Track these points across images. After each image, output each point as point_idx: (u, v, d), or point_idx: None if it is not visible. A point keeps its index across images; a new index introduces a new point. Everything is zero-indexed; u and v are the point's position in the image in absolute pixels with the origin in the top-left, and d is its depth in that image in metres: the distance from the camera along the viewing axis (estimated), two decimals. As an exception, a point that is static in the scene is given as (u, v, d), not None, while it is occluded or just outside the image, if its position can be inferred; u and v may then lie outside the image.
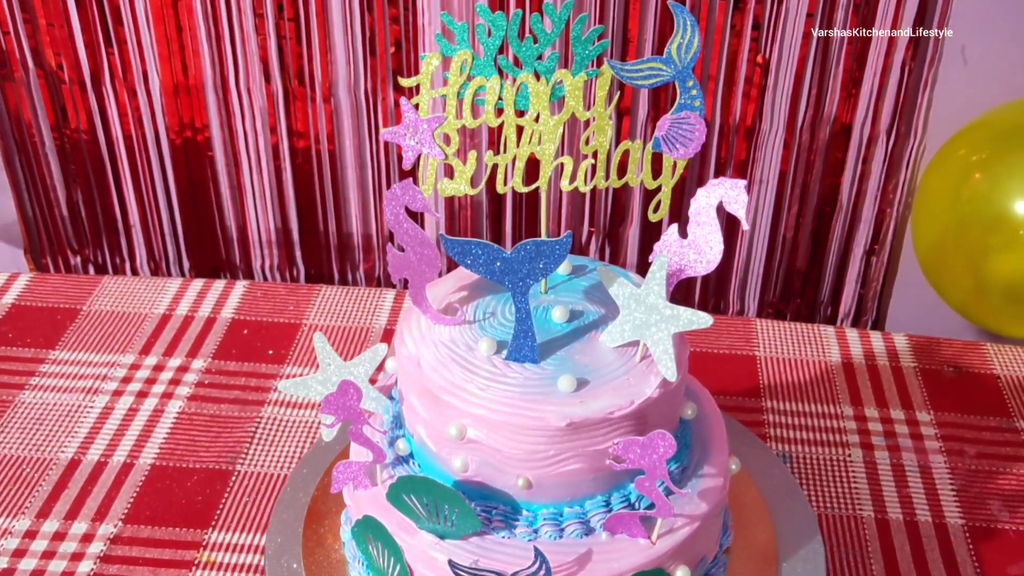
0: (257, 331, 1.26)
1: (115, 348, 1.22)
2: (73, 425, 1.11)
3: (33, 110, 1.45)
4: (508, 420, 0.64)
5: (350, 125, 1.43)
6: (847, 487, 1.06)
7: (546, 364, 0.67)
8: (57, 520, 1.01)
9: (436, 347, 0.68)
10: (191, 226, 1.53)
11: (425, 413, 0.67)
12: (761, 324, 1.29)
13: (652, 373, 0.66)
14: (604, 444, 0.65)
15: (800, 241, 1.48)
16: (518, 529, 0.67)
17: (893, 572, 0.97)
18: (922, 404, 1.17)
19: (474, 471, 0.67)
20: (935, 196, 1.29)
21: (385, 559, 0.69)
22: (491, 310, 0.71)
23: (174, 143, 1.46)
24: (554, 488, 0.66)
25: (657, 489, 0.64)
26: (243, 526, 1.00)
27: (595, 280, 0.74)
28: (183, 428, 1.11)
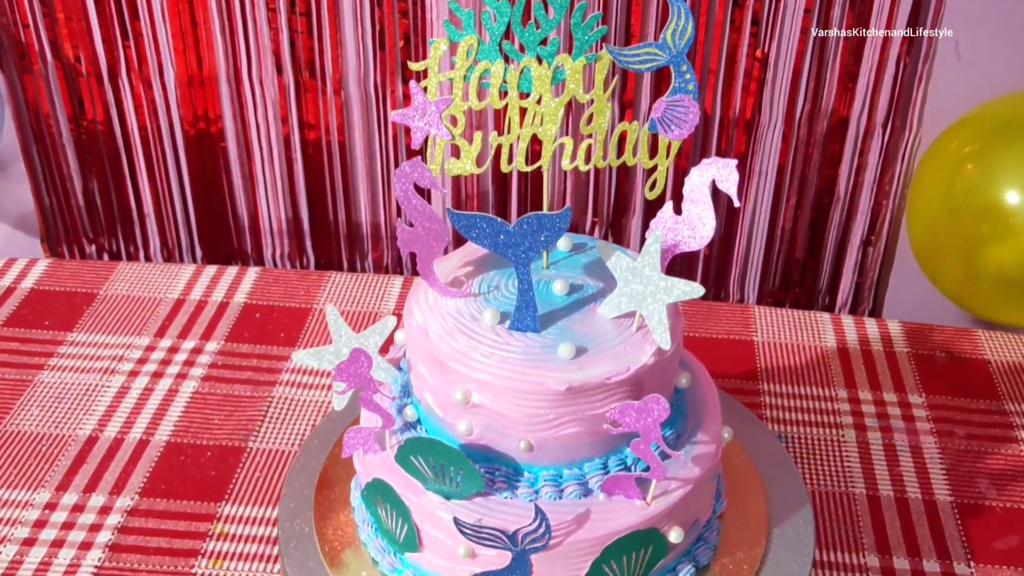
0: (269, 315, 1.29)
1: (131, 331, 1.26)
2: (91, 404, 1.15)
3: (51, 101, 1.49)
4: (511, 385, 0.67)
5: (360, 117, 1.47)
6: (840, 466, 1.10)
7: (547, 333, 0.70)
8: (76, 493, 1.04)
9: (443, 317, 0.72)
10: (204, 215, 1.57)
11: (432, 380, 0.71)
12: (759, 311, 1.33)
13: (648, 342, 0.70)
14: (601, 409, 0.68)
15: (799, 232, 1.51)
16: (520, 490, 0.70)
17: (883, 546, 1.01)
18: (914, 387, 1.20)
19: (478, 435, 0.70)
20: (929, 187, 1.32)
21: (393, 520, 0.73)
22: (495, 284, 0.75)
23: (188, 134, 1.50)
24: (554, 451, 0.70)
25: (652, 452, 0.68)
26: (255, 500, 1.04)
27: (594, 257, 0.78)
28: (197, 407, 1.15)
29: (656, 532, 0.70)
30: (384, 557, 0.76)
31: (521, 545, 0.68)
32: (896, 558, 1.00)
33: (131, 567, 0.97)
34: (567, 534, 0.69)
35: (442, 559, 0.72)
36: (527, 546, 0.68)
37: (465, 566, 0.71)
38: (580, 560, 0.69)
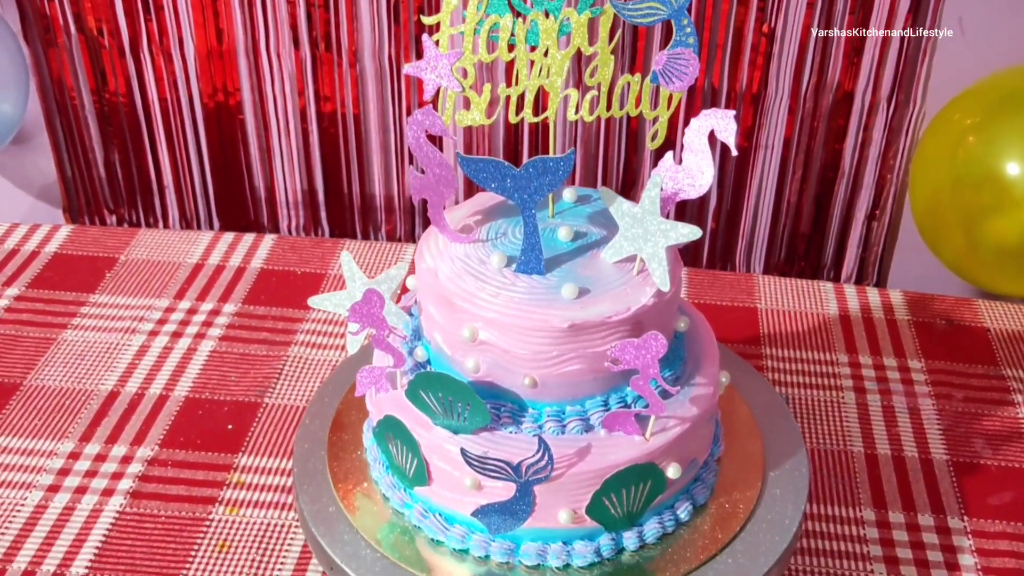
0: (284, 279, 1.33)
1: (151, 293, 1.30)
2: (112, 361, 1.19)
3: (74, 74, 1.53)
4: (516, 322, 0.70)
5: (374, 90, 1.50)
6: (839, 425, 1.12)
7: (551, 275, 0.73)
8: (98, 443, 1.08)
9: (452, 261, 0.75)
10: (221, 186, 1.61)
11: (441, 319, 0.74)
12: (763, 280, 1.36)
13: (648, 284, 0.73)
14: (602, 347, 0.71)
15: (804, 206, 1.54)
16: (524, 425, 0.74)
17: (879, 501, 1.04)
18: (914, 353, 1.23)
19: (485, 372, 0.73)
20: (931, 158, 1.35)
21: (404, 456, 0.76)
22: (503, 231, 0.78)
23: (207, 106, 1.54)
24: (557, 388, 0.73)
25: (650, 388, 0.71)
26: (271, 451, 1.08)
27: (599, 207, 0.81)
28: (214, 365, 1.19)
29: (654, 467, 0.73)
30: (394, 493, 0.80)
31: (525, 476, 0.71)
32: (892, 512, 1.03)
33: (151, 513, 1.01)
34: (569, 466, 0.72)
35: (450, 491, 0.75)
36: (530, 477, 0.71)
37: (471, 498, 0.74)
38: (581, 492, 0.73)
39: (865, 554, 0.98)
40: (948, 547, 0.99)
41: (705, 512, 0.80)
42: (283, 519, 1.01)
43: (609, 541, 0.76)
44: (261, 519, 1.01)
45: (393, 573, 0.75)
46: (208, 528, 1.00)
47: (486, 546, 0.76)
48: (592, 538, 0.76)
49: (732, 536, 0.78)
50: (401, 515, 0.79)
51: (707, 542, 0.77)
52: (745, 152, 1.50)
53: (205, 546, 0.98)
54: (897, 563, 0.97)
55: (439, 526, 0.76)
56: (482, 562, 0.76)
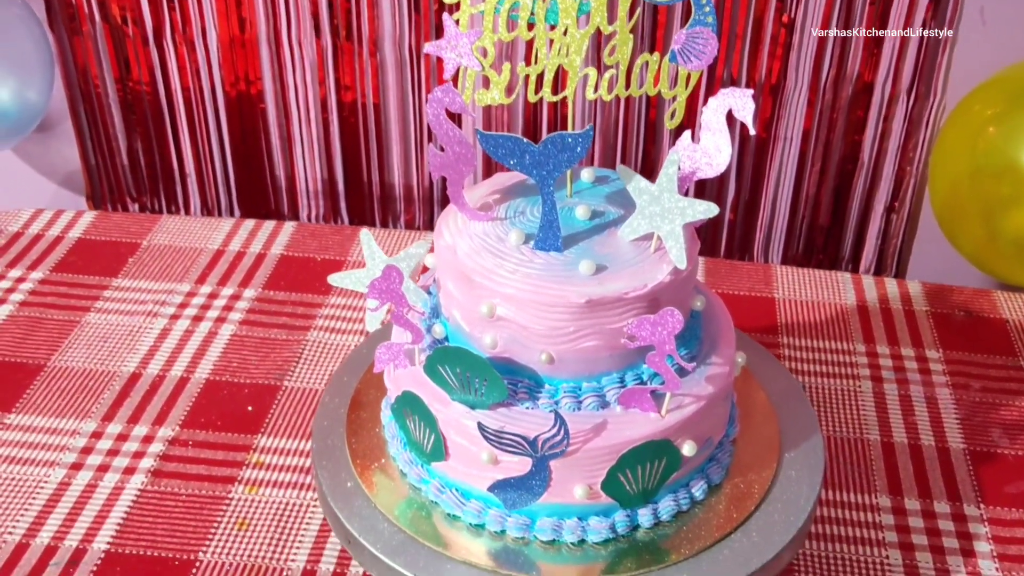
0: (304, 266, 1.34)
1: (173, 278, 1.31)
2: (135, 343, 1.20)
3: (99, 62, 1.55)
4: (533, 298, 0.71)
5: (394, 80, 1.51)
6: (856, 414, 1.13)
7: (569, 252, 0.74)
8: (120, 423, 1.10)
9: (471, 238, 0.76)
10: (243, 175, 1.62)
11: (460, 295, 0.75)
12: (781, 270, 1.36)
13: (665, 262, 0.73)
14: (619, 323, 0.72)
15: (823, 197, 1.54)
16: (540, 401, 0.74)
17: (895, 488, 1.04)
18: (932, 343, 1.23)
19: (502, 348, 0.74)
20: (951, 149, 1.35)
21: (421, 431, 0.77)
22: (521, 209, 0.79)
23: (229, 95, 1.55)
24: (574, 364, 0.74)
25: (666, 364, 0.72)
26: (290, 432, 1.09)
27: (617, 187, 0.81)
28: (235, 348, 1.20)
29: (670, 444, 0.74)
30: (412, 469, 0.80)
31: (541, 451, 0.72)
32: (907, 499, 1.03)
33: (172, 491, 1.02)
34: (585, 441, 0.72)
35: (466, 467, 0.76)
36: (547, 452, 0.72)
37: (488, 473, 0.75)
38: (597, 467, 0.73)
39: (880, 540, 0.98)
40: (964, 534, 0.99)
41: (720, 492, 0.80)
42: (302, 499, 1.02)
43: (624, 518, 0.76)
44: (280, 499, 1.02)
45: (410, 547, 0.76)
46: (228, 507, 1.01)
47: (502, 521, 0.76)
48: (607, 514, 0.76)
49: (747, 515, 0.78)
50: (418, 491, 0.80)
51: (722, 521, 0.78)
52: (764, 144, 1.50)
53: (225, 524, 0.99)
54: (912, 549, 0.98)
55: (456, 501, 0.77)
56: (498, 537, 0.77)
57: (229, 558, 0.96)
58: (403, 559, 0.75)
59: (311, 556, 0.96)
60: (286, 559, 0.96)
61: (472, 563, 0.75)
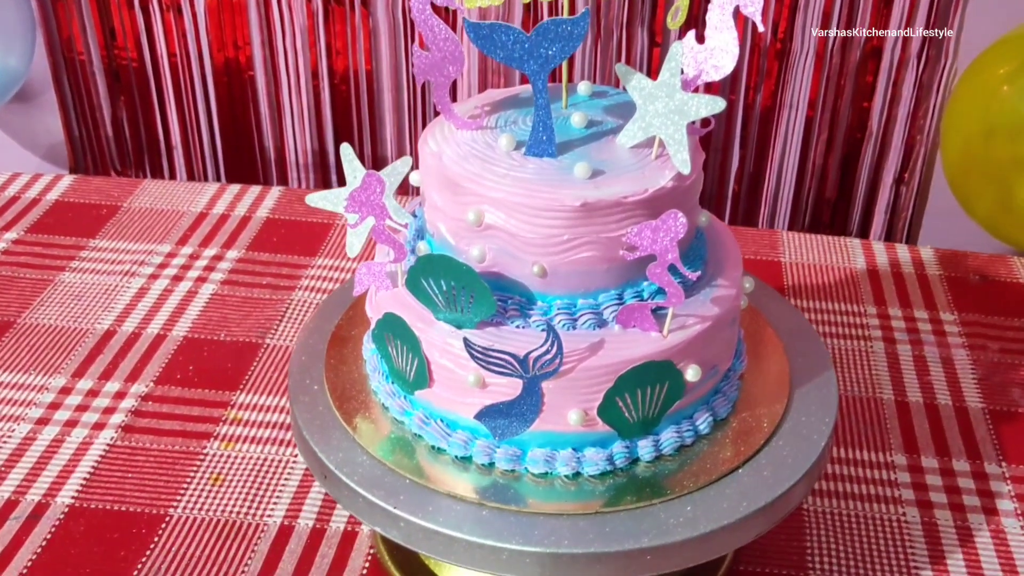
0: (291, 228, 1.29)
1: (153, 239, 1.26)
2: (110, 302, 1.15)
3: (83, 28, 1.50)
4: (525, 202, 0.65)
5: (387, 44, 1.46)
6: (867, 373, 1.07)
7: (563, 158, 0.69)
8: (91, 379, 1.04)
9: (458, 145, 0.70)
10: (230, 146, 1.57)
11: (445, 205, 0.69)
12: (787, 235, 1.30)
13: (667, 168, 0.68)
14: (617, 231, 0.66)
15: (829, 169, 1.49)
16: (532, 318, 0.69)
17: (911, 446, 0.98)
18: (946, 306, 1.17)
19: (491, 260, 0.68)
20: (964, 110, 1.29)
21: (404, 357, 0.71)
22: (512, 119, 0.73)
23: (216, 62, 1.51)
24: (568, 277, 0.68)
25: (668, 276, 0.66)
26: (271, 390, 1.03)
27: (616, 101, 0.76)
28: (215, 307, 1.14)
29: (672, 366, 0.68)
30: (394, 401, 0.74)
31: (532, 370, 0.66)
32: (924, 457, 0.97)
33: (143, 446, 0.96)
34: (580, 360, 0.67)
35: (452, 393, 0.70)
36: (538, 371, 0.66)
37: (475, 398, 0.69)
38: (593, 390, 0.67)
39: (896, 497, 0.92)
40: (985, 492, 0.93)
41: (726, 426, 0.74)
42: (281, 455, 0.96)
43: (623, 449, 0.70)
44: (257, 455, 0.96)
45: (390, 480, 0.70)
46: (202, 462, 0.95)
47: (490, 453, 0.70)
48: (605, 445, 0.70)
49: (756, 450, 0.72)
50: (401, 424, 0.74)
51: (729, 455, 0.72)
52: (769, 112, 1.45)
53: (198, 480, 0.93)
54: (931, 507, 0.92)
55: (441, 432, 0.71)
56: (486, 471, 0.71)
57: (202, 514, 0.90)
58: (382, 492, 0.69)
59: (289, 511, 0.90)
60: (263, 515, 0.90)
61: (457, 495, 0.68)
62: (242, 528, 0.88)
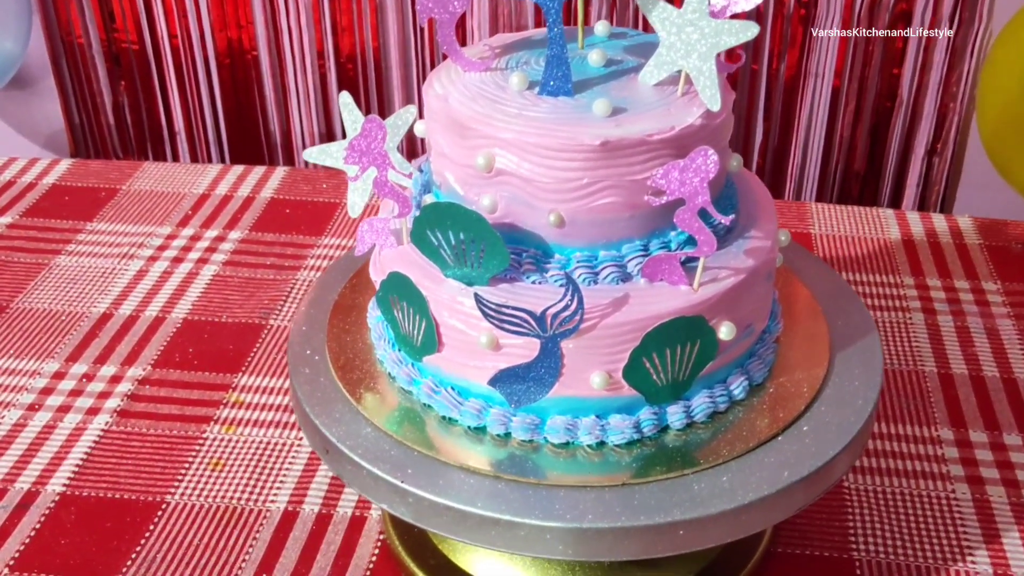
0: (297, 208, 1.23)
1: (153, 221, 1.21)
2: (107, 285, 1.10)
3: (81, 11, 1.45)
4: (539, 141, 0.60)
5: (395, 20, 1.41)
6: (907, 346, 1.01)
7: (580, 97, 0.63)
8: (86, 364, 0.99)
9: (465, 87, 0.65)
10: (235, 130, 1.52)
11: (452, 151, 0.63)
12: (816, 207, 1.24)
13: (695, 105, 0.62)
14: (642, 174, 0.60)
15: (858, 140, 1.42)
16: (550, 273, 0.63)
17: (957, 420, 0.92)
18: (988, 275, 1.11)
19: (504, 210, 0.63)
20: (1001, 71, 1.22)
21: (410, 320, 0.66)
22: (524, 60, 0.68)
23: (219, 43, 1.46)
24: (588, 227, 0.62)
25: (699, 221, 0.60)
26: (274, 372, 0.98)
27: (636, 41, 0.70)
28: (217, 288, 1.09)
29: (704, 323, 0.62)
30: (401, 369, 0.69)
31: (551, 328, 0.60)
32: (972, 431, 0.90)
33: (139, 431, 0.91)
34: (603, 317, 0.61)
35: (463, 357, 0.64)
36: (557, 330, 0.60)
37: (488, 361, 0.63)
38: (617, 349, 0.61)
39: (945, 474, 0.86)
40: (1040, 466, 0.87)
41: (763, 392, 0.68)
42: (284, 438, 0.90)
43: (651, 416, 0.64)
44: (260, 438, 0.90)
45: (398, 454, 0.64)
46: (201, 447, 0.89)
47: (506, 422, 0.64)
48: (631, 411, 0.64)
49: (796, 416, 0.66)
50: (409, 394, 0.68)
51: (767, 422, 0.66)
52: (793, 81, 1.38)
53: (197, 465, 0.88)
54: (982, 483, 0.85)
55: (452, 401, 0.65)
56: (501, 441, 0.65)
57: (201, 500, 0.84)
58: (388, 466, 0.63)
59: (293, 496, 0.84)
60: (265, 500, 0.84)
61: (471, 468, 0.62)
62: (243, 514, 0.83)
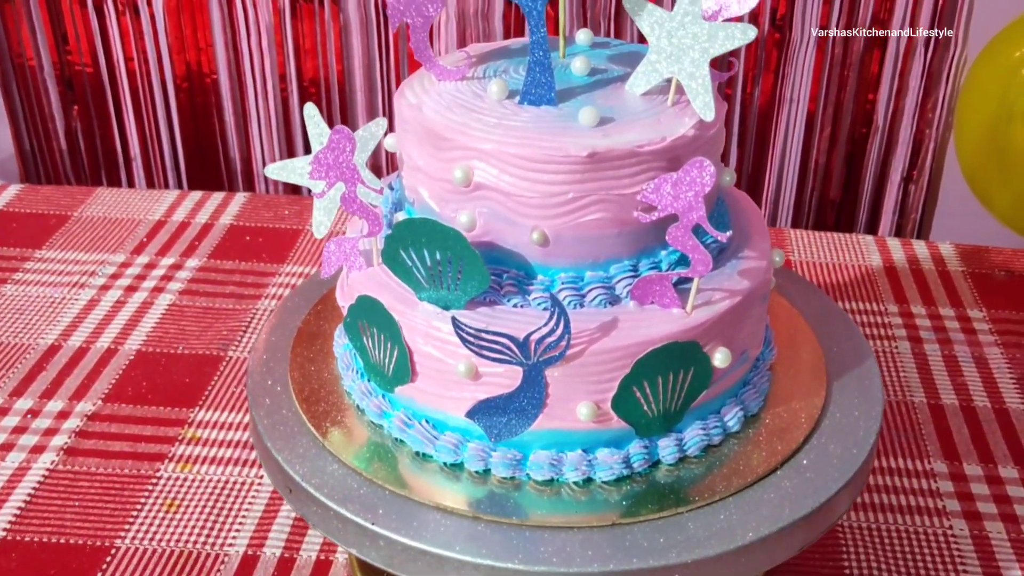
0: (257, 235, 1.18)
1: (105, 249, 1.15)
2: (56, 315, 1.04)
3: (32, 32, 1.40)
4: (520, 153, 0.55)
5: (359, 42, 1.37)
6: (895, 375, 0.97)
7: (564, 106, 0.59)
8: (32, 399, 0.92)
9: (440, 95, 0.60)
10: (193, 157, 1.47)
11: (427, 164, 0.59)
12: (794, 233, 1.21)
13: (686, 115, 0.58)
14: (631, 188, 0.56)
15: (833, 167, 1.40)
16: (532, 295, 0.58)
17: (951, 452, 0.88)
18: (973, 303, 1.08)
19: (483, 228, 0.58)
20: (979, 96, 1.21)
21: (381, 347, 0.61)
22: (502, 68, 0.63)
23: (176, 66, 1.40)
24: (574, 245, 0.58)
25: (693, 238, 0.56)
26: (233, 406, 0.92)
27: (620, 51, 0.66)
28: (173, 318, 1.03)
29: (698, 348, 0.58)
30: (370, 401, 0.64)
31: (534, 355, 0.56)
32: (967, 464, 0.87)
33: (87, 470, 0.85)
34: (590, 343, 0.56)
35: (438, 387, 0.59)
36: (541, 357, 0.56)
37: (466, 392, 0.58)
38: (606, 378, 0.57)
39: (940, 509, 0.82)
40: (1039, 499, 0.83)
41: (759, 422, 0.64)
42: (244, 476, 0.85)
43: (641, 449, 0.60)
44: (218, 476, 0.85)
45: (367, 493, 0.59)
46: (154, 487, 0.84)
47: (485, 457, 0.60)
48: (620, 445, 0.60)
49: (795, 448, 0.62)
50: (379, 428, 0.63)
51: (764, 455, 0.61)
52: (768, 107, 1.36)
53: (150, 506, 0.82)
54: (979, 518, 0.81)
55: (426, 435, 0.60)
56: (480, 479, 0.60)
57: (153, 544, 0.78)
58: (357, 506, 0.58)
59: (254, 539, 0.79)
60: (223, 543, 0.78)
61: (447, 508, 0.57)
62: (199, 559, 0.77)
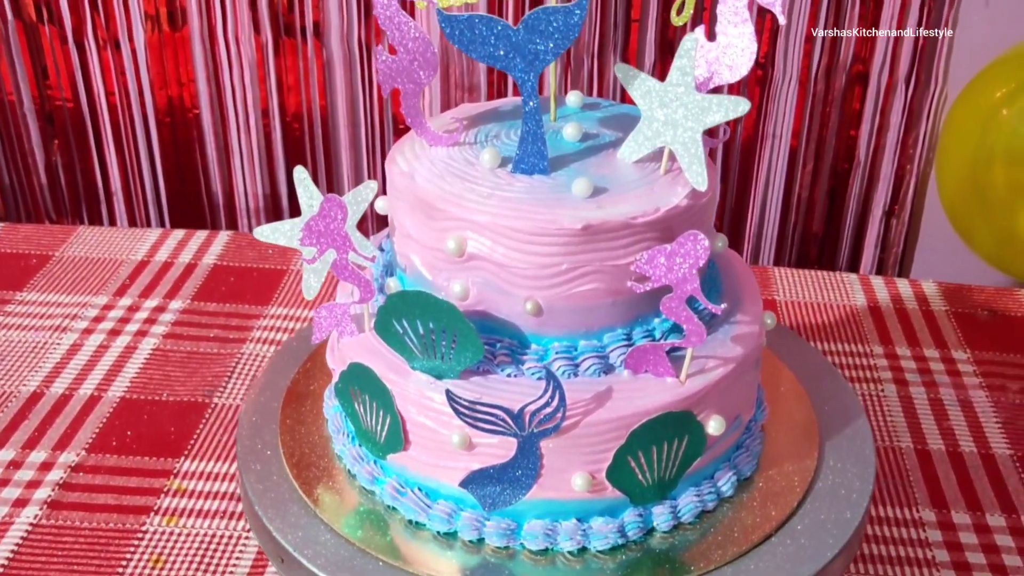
0: (241, 276, 1.17)
1: (87, 291, 1.14)
2: (37, 361, 1.02)
3: (11, 66, 1.39)
4: (514, 225, 0.55)
5: (342, 77, 1.37)
6: (882, 420, 0.97)
7: (557, 175, 0.59)
8: (13, 449, 0.91)
9: (432, 163, 0.60)
10: (175, 192, 1.46)
11: (419, 233, 0.59)
12: (779, 272, 1.21)
13: (679, 184, 0.58)
14: (625, 259, 0.56)
15: (816, 202, 1.40)
16: (526, 365, 0.58)
17: (939, 500, 0.88)
18: (957, 344, 1.09)
19: (476, 297, 0.58)
20: (960, 137, 1.22)
21: (373, 415, 0.60)
22: (493, 133, 0.63)
23: (158, 100, 1.40)
24: (567, 315, 0.57)
25: (687, 309, 0.56)
26: (219, 455, 0.91)
27: (611, 113, 0.66)
28: (157, 364, 1.02)
29: (692, 417, 0.58)
30: (362, 467, 0.63)
31: (528, 427, 0.55)
32: (955, 512, 0.87)
33: (72, 524, 0.84)
34: (585, 414, 0.56)
35: (432, 456, 0.59)
36: (536, 428, 0.56)
37: (459, 461, 0.58)
38: (601, 448, 0.57)
39: (930, 559, 0.82)
40: (1027, 549, 0.83)
41: (752, 486, 0.64)
42: (231, 530, 0.84)
43: (636, 518, 0.60)
44: (204, 530, 0.84)
45: (360, 564, 0.58)
46: (140, 542, 0.83)
47: (479, 527, 0.59)
48: (614, 514, 0.60)
49: (789, 513, 0.62)
50: (371, 495, 0.63)
51: (758, 520, 0.61)
52: (751, 143, 1.36)
53: (136, 562, 0.81)
54: (968, 569, 0.81)
55: (419, 504, 0.60)
56: (474, 548, 0.59)
57: (139, 603, 0.77)
58: (351, 577, 0.57)
59: (241, 597, 0.78)
60: (210, 602, 0.77)
61: (441, 580, 0.57)
62: (186, 619, 0.76)
